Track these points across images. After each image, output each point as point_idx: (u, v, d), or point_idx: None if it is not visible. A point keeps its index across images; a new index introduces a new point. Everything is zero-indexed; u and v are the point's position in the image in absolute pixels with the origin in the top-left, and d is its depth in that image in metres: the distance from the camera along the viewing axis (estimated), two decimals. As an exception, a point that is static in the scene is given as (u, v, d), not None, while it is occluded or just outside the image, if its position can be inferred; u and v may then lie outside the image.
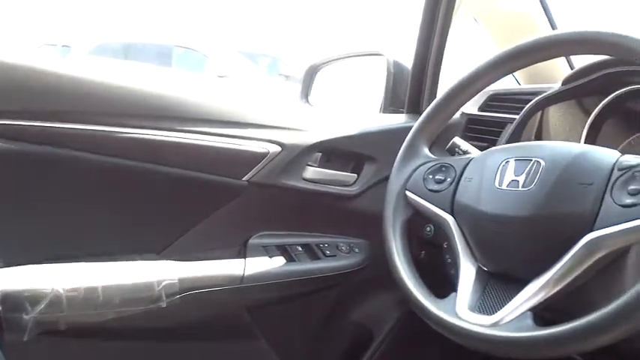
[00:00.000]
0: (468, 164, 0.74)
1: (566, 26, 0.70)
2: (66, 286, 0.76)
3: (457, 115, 1.11)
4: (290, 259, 0.97)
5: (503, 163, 0.67)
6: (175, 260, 0.87)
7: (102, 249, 0.84)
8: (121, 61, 7.52)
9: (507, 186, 0.65)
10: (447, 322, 0.63)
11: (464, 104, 0.82)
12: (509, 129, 0.95)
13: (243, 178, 0.90)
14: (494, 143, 0.99)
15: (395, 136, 0.90)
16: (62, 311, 0.76)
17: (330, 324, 1.09)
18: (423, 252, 0.98)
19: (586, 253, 0.56)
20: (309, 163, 0.97)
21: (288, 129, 0.94)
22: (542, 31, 1.11)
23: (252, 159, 0.90)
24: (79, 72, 0.80)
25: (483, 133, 1.03)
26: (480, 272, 0.67)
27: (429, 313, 0.66)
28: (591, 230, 0.56)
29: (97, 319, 0.79)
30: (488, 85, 0.79)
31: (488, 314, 0.61)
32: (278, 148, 0.92)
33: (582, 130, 0.93)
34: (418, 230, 0.89)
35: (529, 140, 0.96)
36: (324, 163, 1.01)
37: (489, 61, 0.75)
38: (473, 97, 0.81)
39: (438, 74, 1.09)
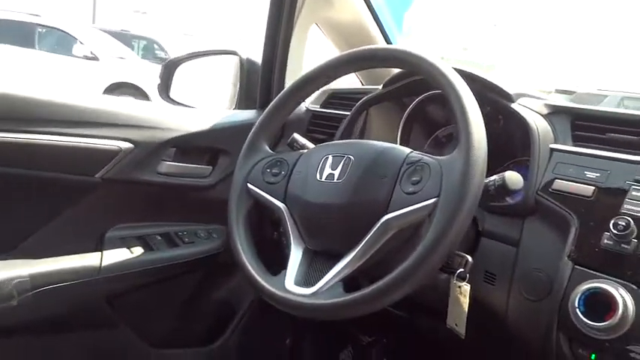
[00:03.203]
0: (298, 159, 0.85)
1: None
2: None
3: (303, 110, 1.25)
4: (149, 248, 1.04)
5: (323, 158, 0.80)
6: (28, 258, 0.89)
7: None
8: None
9: (325, 178, 0.78)
10: (276, 295, 0.74)
11: (298, 105, 0.93)
12: (343, 125, 1.10)
13: (96, 175, 0.94)
14: (333, 136, 1.13)
15: (246, 130, 0.98)
16: None
17: (194, 305, 1.17)
18: (275, 232, 1.10)
19: (382, 232, 0.71)
20: (164, 158, 1.03)
21: (141, 127, 0.99)
22: (374, 39, 1.26)
23: (105, 157, 0.95)
24: None
25: (324, 127, 1.17)
26: (306, 251, 0.79)
27: (263, 288, 0.77)
28: (385, 213, 0.71)
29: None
30: (315, 91, 0.91)
31: (309, 286, 0.73)
32: (130, 146, 0.97)
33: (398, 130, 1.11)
34: (271, 215, 1.00)
35: (358, 135, 1.11)
36: (179, 158, 1.08)
37: (312, 71, 0.87)
38: (304, 99, 0.93)
39: (284, 72, 1.20)
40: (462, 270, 0.82)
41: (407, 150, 0.76)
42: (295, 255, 0.79)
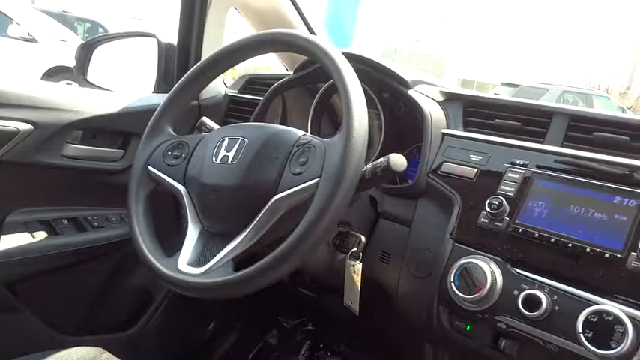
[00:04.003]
0: (199, 142, 0.85)
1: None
2: None
3: (221, 95, 1.25)
4: (54, 232, 1.01)
5: (220, 141, 0.80)
6: None
7: None
8: None
9: (220, 161, 0.78)
10: (166, 275, 0.75)
11: (202, 89, 0.93)
12: (256, 110, 1.10)
13: None
14: (249, 120, 1.13)
15: None
16: None
17: (107, 290, 1.15)
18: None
19: (271, 213, 0.72)
20: (69, 141, 1.01)
21: (41, 108, 0.96)
22: (293, 25, 1.27)
23: (1, 138, 0.91)
24: None
25: (241, 112, 1.18)
26: (203, 233, 0.80)
27: (155, 268, 0.77)
28: (275, 194, 0.72)
29: None
30: (219, 74, 0.90)
31: (201, 266, 0.74)
32: (30, 127, 0.94)
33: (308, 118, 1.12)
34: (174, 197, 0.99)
35: (276, 120, 1.12)
36: (88, 141, 1.06)
37: (213, 56, 0.87)
38: (208, 82, 0.92)
39: (200, 56, 1.19)
40: (355, 249, 0.85)
41: (299, 132, 0.78)
42: (191, 236, 0.80)
